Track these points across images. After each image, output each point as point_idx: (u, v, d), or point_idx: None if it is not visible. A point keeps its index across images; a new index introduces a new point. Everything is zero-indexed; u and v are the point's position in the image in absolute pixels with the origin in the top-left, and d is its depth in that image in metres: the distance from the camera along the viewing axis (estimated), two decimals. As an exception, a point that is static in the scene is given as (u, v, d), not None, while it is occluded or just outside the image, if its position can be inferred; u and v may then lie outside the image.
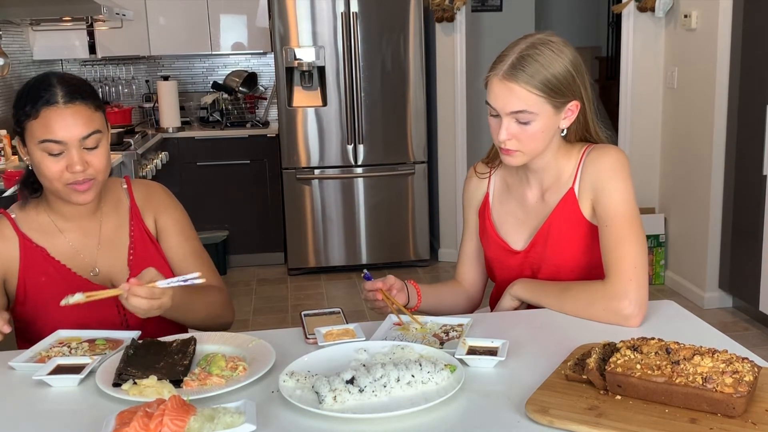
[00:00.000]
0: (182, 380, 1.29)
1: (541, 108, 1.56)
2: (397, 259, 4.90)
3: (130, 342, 1.44)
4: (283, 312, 4.24)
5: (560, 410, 1.15)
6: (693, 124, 4.15)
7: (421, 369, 1.24)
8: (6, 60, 3.91)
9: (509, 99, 1.56)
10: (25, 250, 1.62)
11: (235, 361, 1.36)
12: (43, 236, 1.63)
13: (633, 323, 1.54)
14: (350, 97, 4.72)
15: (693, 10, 4.05)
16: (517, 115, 1.56)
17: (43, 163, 1.51)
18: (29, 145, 1.53)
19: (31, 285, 1.61)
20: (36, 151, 1.51)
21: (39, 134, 1.50)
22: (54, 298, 1.52)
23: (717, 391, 1.10)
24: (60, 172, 1.51)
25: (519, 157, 1.62)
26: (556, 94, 1.56)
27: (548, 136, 1.61)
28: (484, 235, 1.81)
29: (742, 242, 3.86)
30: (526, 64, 1.55)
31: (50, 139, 1.49)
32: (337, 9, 4.62)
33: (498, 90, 1.57)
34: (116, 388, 1.27)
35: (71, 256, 1.64)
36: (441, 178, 5.05)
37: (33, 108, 1.49)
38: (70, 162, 1.50)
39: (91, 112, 1.53)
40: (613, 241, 1.59)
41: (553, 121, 1.60)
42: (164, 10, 5.00)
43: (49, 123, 1.49)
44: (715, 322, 1.87)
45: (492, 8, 5.69)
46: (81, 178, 1.52)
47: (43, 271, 1.61)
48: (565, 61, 1.57)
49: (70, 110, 1.50)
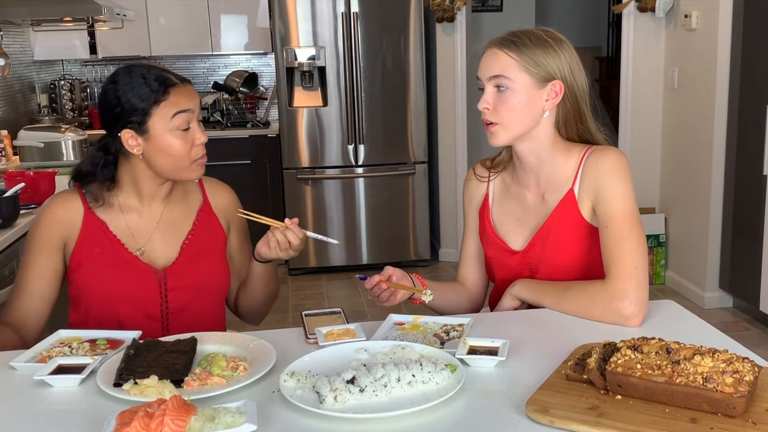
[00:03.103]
0: (183, 380, 1.29)
1: (519, 76, 1.58)
2: (398, 259, 4.90)
3: (130, 342, 1.45)
4: (283, 312, 4.24)
5: (560, 410, 1.15)
6: (693, 124, 4.15)
7: (421, 369, 1.24)
8: (7, 60, 3.91)
9: (491, 64, 1.61)
10: (87, 221, 1.71)
11: (236, 361, 1.36)
12: (107, 213, 1.73)
13: (633, 323, 1.54)
14: (350, 97, 4.72)
15: (693, 10, 4.05)
16: (496, 80, 1.59)
17: (173, 143, 1.64)
18: (156, 128, 1.63)
19: (86, 254, 1.70)
20: (165, 132, 1.63)
21: (170, 111, 1.63)
22: (102, 269, 1.70)
23: (717, 391, 1.10)
24: (189, 149, 1.66)
25: (499, 132, 1.63)
26: (537, 66, 1.59)
27: (528, 112, 1.61)
28: (484, 234, 1.81)
29: (742, 242, 3.86)
30: (515, 38, 1.60)
31: (182, 109, 1.64)
32: (338, 9, 4.62)
33: (485, 60, 1.63)
34: (117, 388, 1.27)
35: (126, 234, 1.73)
36: (441, 178, 5.05)
37: (163, 92, 1.63)
38: (196, 134, 1.66)
39: (194, 90, 1.72)
40: (614, 241, 1.59)
41: (534, 96, 1.60)
42: (165, 11, 5.00)
43: (178, 99, 1.64)
44: (715, 322, 1.87)
45: (492, 8, 5.69)
46: (204, 152, 1.69)
47: (98, 243, 1.71)
48: (556, 46, 1.61)
49: (187, 87, 1.68)
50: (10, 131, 3.97)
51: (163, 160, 1.66)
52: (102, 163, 1.71)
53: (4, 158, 3.80)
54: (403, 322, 1.57)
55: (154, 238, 1.75)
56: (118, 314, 1.69)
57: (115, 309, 1.69)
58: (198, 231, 1.79)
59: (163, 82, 1.64)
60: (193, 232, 1.78)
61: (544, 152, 1.67)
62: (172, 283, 1.73)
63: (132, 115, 1.63)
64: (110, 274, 1.69)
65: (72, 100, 5.13)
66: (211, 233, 1.81)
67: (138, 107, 1.62)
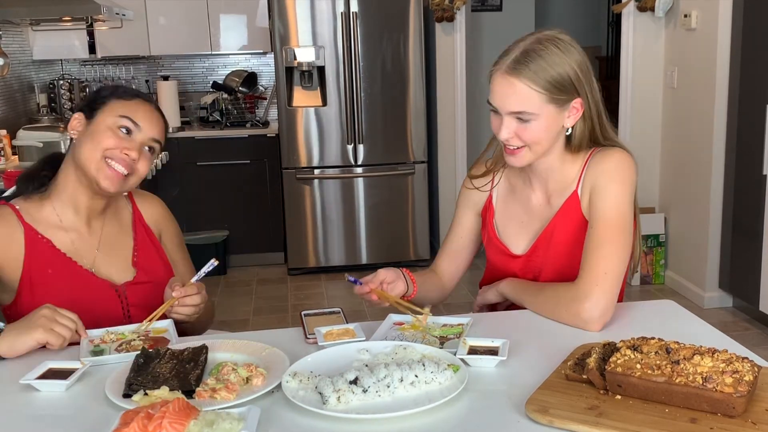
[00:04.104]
0: (195, 391, 1.25)
1: (542, 107, 1.53)
2: (397, 259, 4.90)
3: (140, 350, 1.41)
4: (283, 312, 4.24)
5: (560, 410, 1.15)
6: (693, 124, 4.15)
7: (424, 369, 1.24)
8: (6, 60, 3.91)
9: (510, 97, 1.53)
10: (30, 241, 1.64)
11: (251, 368, 1.32)
12: (47, 229, 1.67)
13: (592, 327, 1.50)
14: (350, 97, 4.72)
15: (693, 9, 4.05)
16: (518, 115, 1.54)
17: (105, 134, 1.62)
18: (100, 116, 1.64)
19: (37, 275, 1.64)
20: (105, 121, 1.63)
21: (121, 111, 1.64)
22: (60, 290, 1.61)
23: (717, 391, 1.10)
24: (115, 145, 1.62)
25: (525, 154, 1.59)
26: (559, 92, 1.53)
27: (551, 134, 1.58)
28: (487, 239, 1.79)
29: (742, 242, 3.86)
30: (530, 59, 1.51)
31: (131, 118, 1.64)
32: (337, 9, 4.62)
33: (499, 86, 1.54)
34: (127, 399, 1.23)
35: (73, 251, 1.68)
36: (441, 178, 5.05)
37: (130, 96, 1.67)
38: (131, 147, 1.63)
39: (162, 125, 1.71)
40: (593, 243, 1.56)
41: (557, 119, 1.57)
42: (164, 10, 5.00)
43: (137, 109, 1.65)
44: (715, 322, 1.87)
45: (492, 8, 5.69)
46: (126, 161, 1.63)
47: (50, 263, 1.65)
48: (570, 60, 1.54)
49: (155, 114, 1.69)
50: (9, 131, 3.97)
51: (84, 148, 1.63)
52: (30, 173, 1.71)
53: (3, 158, 3.80)
54: (402, 322, 1.57)
55: (99, 259, 1.71)
56: None
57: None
58: (140, 245, 1.78)
59: (138, 94, 1.69)
60: (137, 248, 1.77)
61: (555, 161, 1.65)
62: (132, 299, 1.71)
63: (94, 101, 1.67)
64: (70, 294, 1.63)
65: (71, 100, 5.13)
66: (153, 245, 1.80)
67: (102, 95, 1.67)
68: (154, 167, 4.33)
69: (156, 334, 1.53)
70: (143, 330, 1.54)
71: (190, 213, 4.86)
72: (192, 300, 1.59)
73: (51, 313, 1.45)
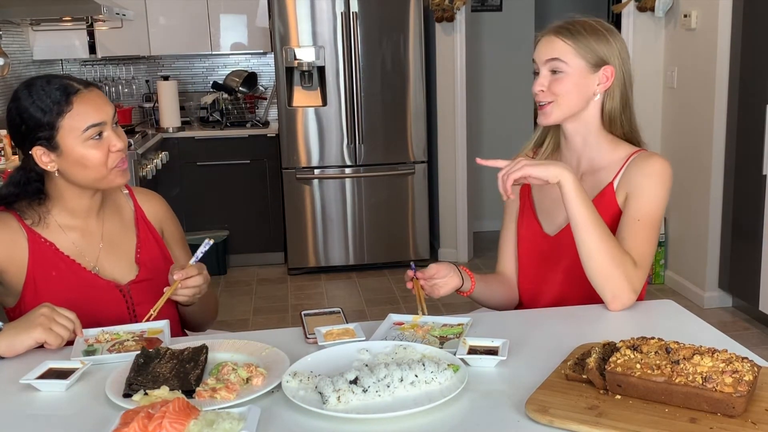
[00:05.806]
0: (195, 390, 1.25)
1: (574, 61, 1.66)
2: (397, 259, 4.90)
3: (140, 350, 1.41)
4: (283, 312, 4.24)
5: (560, 410, 1.15)
6: (693, 124, 4.15)
7: (424, 369, 1.25)
8: (6, 60, 3.91)
9: (547, 48, 1.69)
10: (34, 245, 1.65)
11: (250, 368, 1.32)
12: (49, 233, 1.67)
13: (628, 301, 1.60)
14: (350, 97, 4.72)
15: (693, 9, 4.05)
16: (552, 63, 1.67)
17: (88, 154, 1.58)
18: (66, 142, 1.57)
19: (41, 279, 1.64)
20: (77, 145, 1.57)
21: (79, 124, 1.56)
22: (64, 292, 1.61)
23: (717, 391, 1.10)
24: (105, 157, 1.59)
25: (553, 111, 1.68)
26: (591, 52, 1.67)
27: (581, 93, 1.68)
28: (523, 214, 1.83)
29: (742, 242, 3.86)
30: (571, 26, 1.70)
31: (93, 123, 1.56)
32: (337, 9, 4.62)
33: (540, 45, 1.71)
34: (127, 399, 1.23)
35: (76, 253, 1.68)
36: (441, 178, 5.05)
37: (66, 101, 1.55)
38: (111, 141, 1.59)
39: (103, 95, 1.63)
40: (644, 234, 1.64)
41: (588, 80, 1.68)
42: (164, 10, 5.00)
43: (86, 109, 1.57)
44: (715, 322, 1.87)
45: (492, 8, 5.68)
46: (120, 153, 1.61)
47: (54, 266, 1.65)
48: (609, 36, 1.70)
49: (93, 93, 1.60)
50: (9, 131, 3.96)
51: (80, 173, 1.60)
52: (24, 181, 1.65)
53: (3, 158, 3.80)
54: (402, 322, 1.57)
55: (103, 257, 1.70)
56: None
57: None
58: (143, 242, 1.77)
59: (65, 90, 1.56)
60: (140, 245, 1.76)
61: (590, 136, 1.73)
62: (137, 298, 1.71)
63: (39, 131, 1.56)
64: (74, 296, 1.63)
65: (71, 100, 5.13)
66: (155, 241, 1.80)
67: (43, 122, 1.55)
68: (154, 167, 4.34)
69: (151, 335, 1.53)
70: (153, 316, 1.58)
71: (191, 213, 4.86)
72: (194, 281, 1.61)
73: (50, 312, 1.46)
